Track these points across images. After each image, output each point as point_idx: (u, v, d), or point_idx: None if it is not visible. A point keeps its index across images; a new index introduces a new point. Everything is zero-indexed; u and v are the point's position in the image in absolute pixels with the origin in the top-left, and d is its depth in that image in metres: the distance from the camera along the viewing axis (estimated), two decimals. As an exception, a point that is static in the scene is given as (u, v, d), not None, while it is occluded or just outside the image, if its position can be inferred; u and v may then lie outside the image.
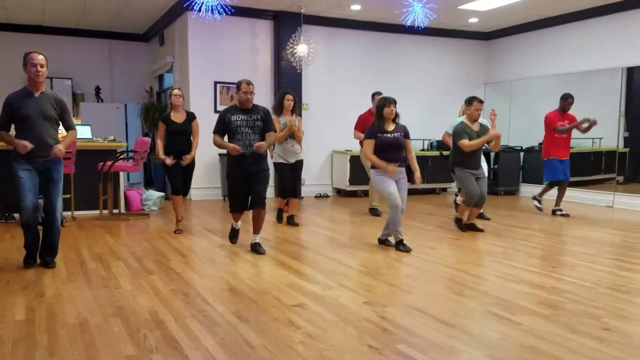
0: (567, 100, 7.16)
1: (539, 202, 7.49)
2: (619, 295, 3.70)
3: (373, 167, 5.16)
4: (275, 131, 5.16)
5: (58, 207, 4.36)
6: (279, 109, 6.25)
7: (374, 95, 7.16)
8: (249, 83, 4.92)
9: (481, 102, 5.94)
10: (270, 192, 7.17)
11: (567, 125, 7.17)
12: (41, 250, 4.46)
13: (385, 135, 5.07)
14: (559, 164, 7.23)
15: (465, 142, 5.76)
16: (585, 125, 7.14)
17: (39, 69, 4.12)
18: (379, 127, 5.07)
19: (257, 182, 4.91)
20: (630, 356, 2.67)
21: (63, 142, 4.33)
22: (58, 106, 4.28)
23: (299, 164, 6.42)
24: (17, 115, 4.16)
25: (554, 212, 7.40)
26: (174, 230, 5.97)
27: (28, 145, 4.08)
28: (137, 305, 3.40)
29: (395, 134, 5.11)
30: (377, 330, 2.99)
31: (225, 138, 5.02)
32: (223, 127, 4.96)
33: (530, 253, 5.06)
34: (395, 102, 5.12)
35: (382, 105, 5.09)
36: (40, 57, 4.15)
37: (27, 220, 4.22)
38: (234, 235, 5.29)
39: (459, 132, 5.87)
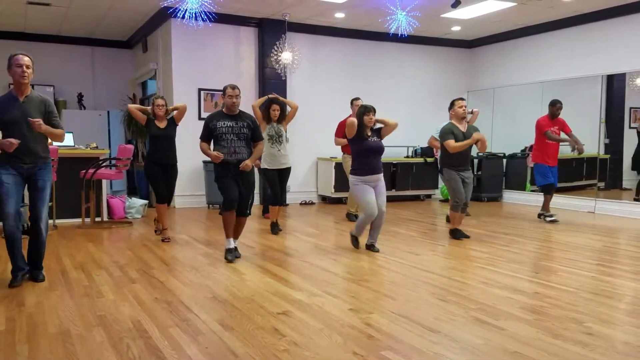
0: (555, 106, 7.28)
1: (549, 216, 7.36)
2: (601, 300, 3.74)
3: (352, 174, 5.34)
4: (262, 139, 5.16)
5: (43, 217, 4.12)
6: (266, 118, 6.25)
7: (352, 101, 7.26)
8: (234, 87, 4.90)
9: (462, 99, 6.13)
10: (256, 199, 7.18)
11: (557, 130, 7.28)
12: (28, 262, 4.24)
13: (367, 141, 5.25)
14: (549, 169, 7.31)
15: (450, 143, 5.85)
16: (572, 145, 7.25)
17: (25, 69, 3.96)
18: (358, 134, 5.25)
19: (242, 196, 4.93)
20: (612, 360, 2.70)
21: (48, 132, 4.11)
22: (44, 108, 4.10)
23: (287, 172, 6.40)
24: (1, 121, 4.00)
25: (539, 216, 7.48)
26: (161, 239, 5.92)
27: (14, 141, 3.88)
28: (120, 315, 3.36)
29: (375, 139, 5.34)
30: (362, 337, 2.98)
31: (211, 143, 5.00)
32: (208, 133, 4.90)
33: (513, 259, 5.10)
34: (374, 111, 5.28)
35: (362, 113, 5.26)
36: (26, 58, 4.01)
37: (9, 228, 3.99)
38: (229, 252, 4.96)
39: (446, 132, 5.94)
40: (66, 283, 4.12)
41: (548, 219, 7.34)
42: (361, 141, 5.24)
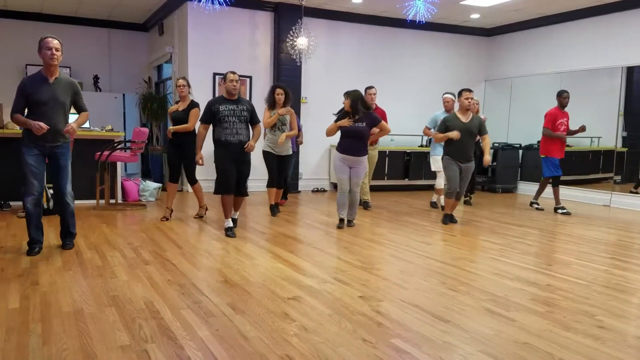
0: (562, 95, 7.35)
1: (560, 208, 7.51)
2: (613, 294, 3.70)
3: (336, 149, 5.84)
4: (259, 122, 5.61)
5: (67, 192, 4.48)
6: (271, 104, 6.45)
7: (366, 89, 7.46)
8: (234, 72, 5.41)
9: (470, 91, 6.20)
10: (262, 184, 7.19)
11: (566, 122, 7.33)
12: (61, 234, 4.71)
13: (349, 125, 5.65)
14: (558, 162, 7.42)
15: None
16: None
17: (54, 52, 4.17)
18: (345, 115, 5.75)
19: (242, 176, 5.40)
20: (623, 354, 2.68)
21: (76, 121, 4.42)
22: (71, 90, 4.37)
23: (287, 158, 6.70)
24: (31, 100, 4.19)
25: (556, 210, 7.50)
26: (195, 216, 6.43)
27: (44, 126, 4.12)
28: (133, 295, 3.39)
29: (358, 124, 5.66)
30: (371, 325, 2.99)
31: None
32: (210, 116, 5.33)
33: (526, 250, 5.06)
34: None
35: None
36: (55, 41, 4.20)
37: (30, 206, 4.32)
38: (230, 230, 5.40)
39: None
40: (80, 263, 4.18)
41: (560, 211, 7.43)
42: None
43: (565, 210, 7.40)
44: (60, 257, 4.35)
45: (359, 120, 5.67)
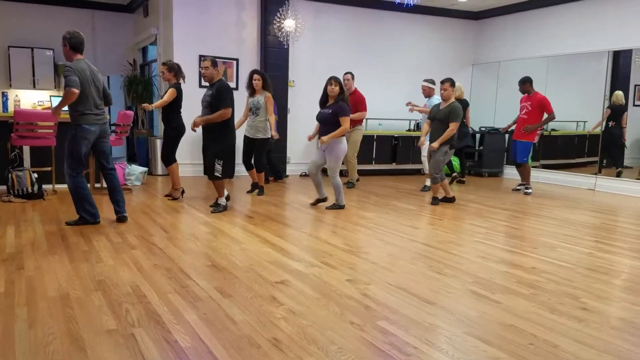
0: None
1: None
2: (597, 277, 3.76)
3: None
4: (227, 108, 5.49)
5: (113, 167, 5.18)
6: (251, 89, 6.79)
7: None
8: (204, 59, 5.62)
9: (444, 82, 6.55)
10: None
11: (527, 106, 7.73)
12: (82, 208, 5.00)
13: (321, 110, 5.88)
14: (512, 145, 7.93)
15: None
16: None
17: None
18: (321, 102, 5.90)
19: (209, 156, 5.61)
20: (607, 335, 2.72)
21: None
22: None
23: (255, 142, 6.93)
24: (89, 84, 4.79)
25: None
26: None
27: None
28: (119, 280, 3.38)
29: (325, 110, 5.82)
30: (359, 308, 3.01)
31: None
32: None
33: (511, 234, 5.11)
34: (339, 81, 5.79)
35: (326, 84, 5.82)
36: None
37: (84, 182, 4.88)
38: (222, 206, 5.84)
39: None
40: (66, 248, 4.14)
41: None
42: (320, 110, 5.90)
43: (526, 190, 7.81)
44: (45, 241, 4.31)
45: (329, 107, 5.83)
